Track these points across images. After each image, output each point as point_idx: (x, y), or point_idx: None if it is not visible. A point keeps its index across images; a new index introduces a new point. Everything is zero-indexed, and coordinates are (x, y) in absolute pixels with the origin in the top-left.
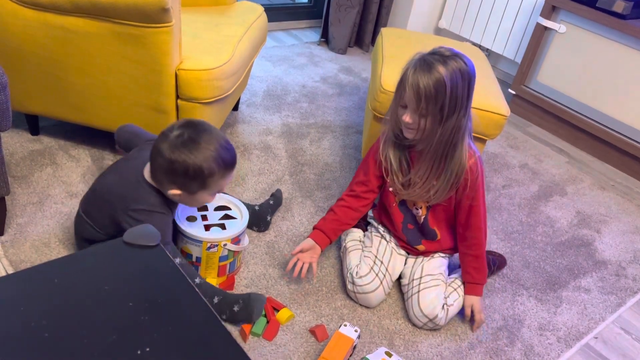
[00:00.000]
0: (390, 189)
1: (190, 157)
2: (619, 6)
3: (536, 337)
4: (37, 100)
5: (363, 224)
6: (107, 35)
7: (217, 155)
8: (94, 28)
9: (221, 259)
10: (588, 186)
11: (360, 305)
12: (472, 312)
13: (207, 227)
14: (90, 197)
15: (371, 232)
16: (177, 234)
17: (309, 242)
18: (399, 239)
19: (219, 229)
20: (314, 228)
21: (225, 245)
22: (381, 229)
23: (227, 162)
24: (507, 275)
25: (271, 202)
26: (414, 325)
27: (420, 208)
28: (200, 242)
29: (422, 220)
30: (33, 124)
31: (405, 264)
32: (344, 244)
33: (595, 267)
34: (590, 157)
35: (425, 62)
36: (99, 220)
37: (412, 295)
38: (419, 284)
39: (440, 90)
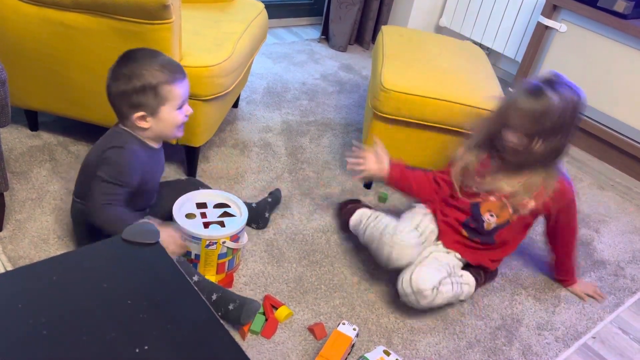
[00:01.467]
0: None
1: (132, 71)
2: (620, 6)
3: (534, 337)
4: (36, 95)
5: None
6: (107, 32)
7: (157, 63)
8: (94, 24)
9: (220, 256)
10: (587, 186)
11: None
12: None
13: (206, 225)
14: (78, 178)
15: (414, 212)
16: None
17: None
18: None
19: (218, 226)
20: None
21: (224, 242)
22: (428, 219)
23: (170, 67)
24: (506, 275)
25: (269, 199)
26: (399, 297)
27: (494, 216)
28: (199, 239)
29: (491, 227)
30: (32, 120)
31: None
32: (362, 226)
33: (593, 266)
34: (590, 156)
35: (537, 87)
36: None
37: (409, 267)
38: (421, 261)
39: (549, 115)
